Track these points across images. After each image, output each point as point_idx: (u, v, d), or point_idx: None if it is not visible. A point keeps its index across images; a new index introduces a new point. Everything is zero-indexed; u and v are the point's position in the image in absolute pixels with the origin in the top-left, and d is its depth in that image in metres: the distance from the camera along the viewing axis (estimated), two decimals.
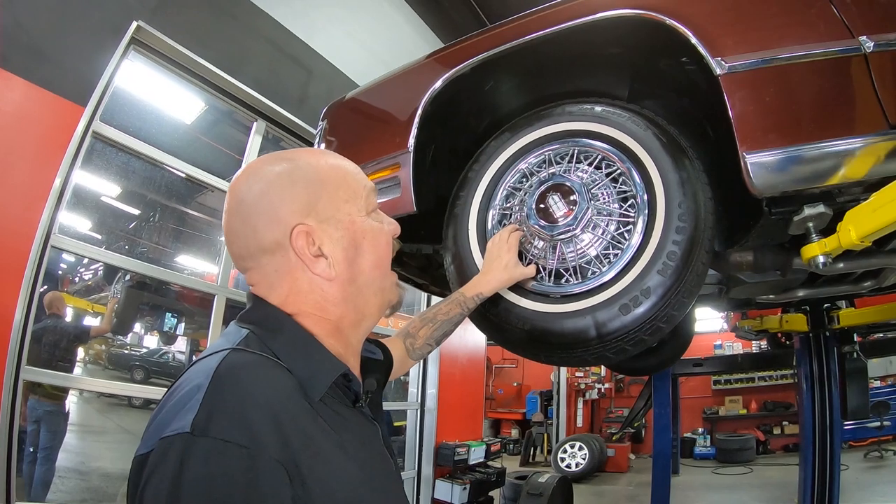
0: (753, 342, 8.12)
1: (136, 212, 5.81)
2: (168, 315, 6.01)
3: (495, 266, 1.36)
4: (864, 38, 1.26)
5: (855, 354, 3.69)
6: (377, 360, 0.97)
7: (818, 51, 1.28)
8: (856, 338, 3.83)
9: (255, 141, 4.27)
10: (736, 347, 9.95)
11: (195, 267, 6.34)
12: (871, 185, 1.23)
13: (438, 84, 1.56)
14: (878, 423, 8.20)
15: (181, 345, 6.52)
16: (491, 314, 1.40)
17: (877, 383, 9.20)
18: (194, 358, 0.78)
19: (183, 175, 3.84)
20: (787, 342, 5.05)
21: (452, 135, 1.78)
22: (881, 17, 1.32)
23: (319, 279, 0.78)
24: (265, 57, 4.16)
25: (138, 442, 0.64)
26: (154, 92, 4.20)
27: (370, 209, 0.85)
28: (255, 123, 4.28)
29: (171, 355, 7.07)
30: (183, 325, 6.02)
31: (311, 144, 2.35)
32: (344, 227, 0.81)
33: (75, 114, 2.87)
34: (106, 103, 3.07)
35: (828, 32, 1.30)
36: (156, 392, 4.10)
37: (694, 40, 1.30)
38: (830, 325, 3.62)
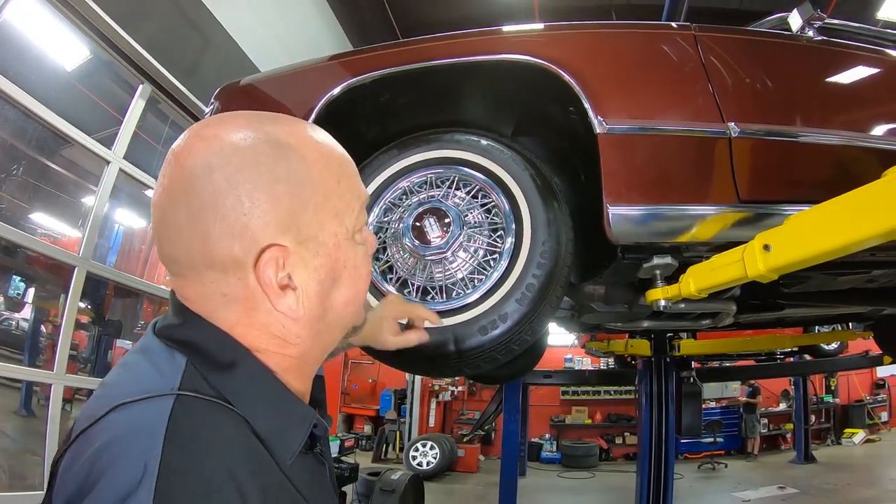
0: (602, 359, 8.80)
1: None
2: (16, 279, 5.37)
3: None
4: (732, 123, 1.46)
5: (692, 379, 4.14)
6: (320, 378, 0.72)
7: (690, 128, 1.47)
8: (693, 364, 4.31)
9: (137, 105, 3.97)
10: (585, 362, 10.73)
11: (53, 227, 5.71)
12: (714, 247, 1.42)
13: (337, 91, 1.56)
14: (711, 439, 9.28)
15: (27, 313, 5.81)
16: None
17: (712, 404, 10.42)
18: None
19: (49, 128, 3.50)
20: (633, 362, 5.56)
21: (342, 140, 1.78)
22: (750, 108, 1.54)
23: (280, 315, 0.59)
24: (164, 16, 3.87)
25: None
26: (39, 29, 3.78)
27: (358, 229, 0.65)
28: (141, 87, 3.98)
29: (14, 322, 6.31)
30: (32, 290, 5.41)
31: (198, 119, 2.23)
32: (326, 254, 0.61)
33: None
34: None
35: (703, 113, 1.49)
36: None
37: (582, 97, 1.43)
38: (672, 352, 4.04)
